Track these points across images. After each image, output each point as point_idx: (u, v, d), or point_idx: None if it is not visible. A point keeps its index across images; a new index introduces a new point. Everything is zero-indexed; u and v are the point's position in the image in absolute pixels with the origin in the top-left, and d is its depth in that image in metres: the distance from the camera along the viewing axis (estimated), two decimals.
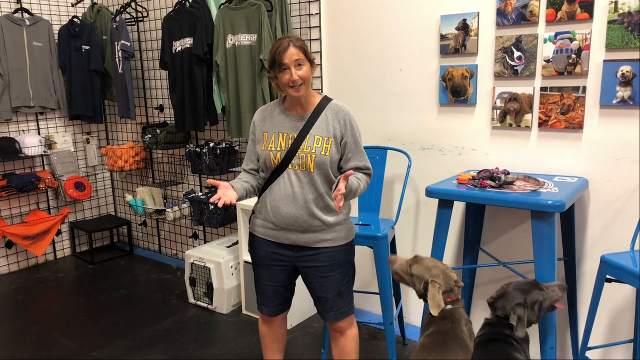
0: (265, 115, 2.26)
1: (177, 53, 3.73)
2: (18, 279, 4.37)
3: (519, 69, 2.71)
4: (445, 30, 2.90)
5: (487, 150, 2.90)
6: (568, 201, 2.21)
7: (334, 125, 2.16)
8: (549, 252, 2.25)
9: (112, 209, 5.23)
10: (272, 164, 2.17)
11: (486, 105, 2.86)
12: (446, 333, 1.95)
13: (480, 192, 2.38)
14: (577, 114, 2.59)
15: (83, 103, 4.53)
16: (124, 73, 4.15)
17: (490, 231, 2.98)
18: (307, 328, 3.38)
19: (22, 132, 4.48)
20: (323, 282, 2.23)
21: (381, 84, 3.21)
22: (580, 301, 2.75)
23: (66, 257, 4.89)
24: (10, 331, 3.46)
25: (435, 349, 1.92)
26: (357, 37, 3.25)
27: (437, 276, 2.02)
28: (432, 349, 1.93)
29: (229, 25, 3.45)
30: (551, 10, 2.58)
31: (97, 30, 4.47)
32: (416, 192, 3.20)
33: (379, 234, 2.69)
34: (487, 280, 3.04)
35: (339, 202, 1.94)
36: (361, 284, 3.51)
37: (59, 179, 4.61)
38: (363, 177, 2.19)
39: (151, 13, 4.36)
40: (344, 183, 1.97)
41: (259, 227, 2.28)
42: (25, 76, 4.32)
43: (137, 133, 4.73)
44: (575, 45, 2.54)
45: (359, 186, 2.14)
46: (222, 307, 3.63)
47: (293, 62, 2.07)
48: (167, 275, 4.36)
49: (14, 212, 4.51)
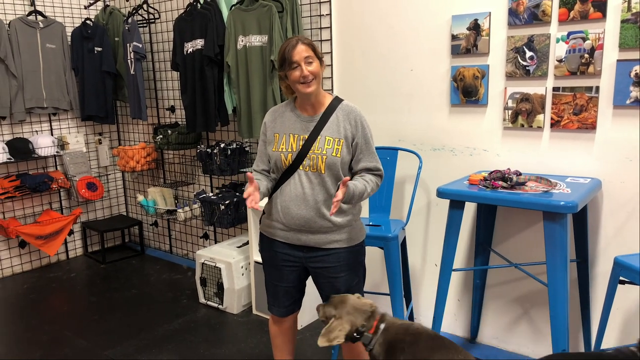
0: (276, 116, 2.26)
1: (188, 54, 3.75)
2: (31, 279, 4.41)
3: (531, 69, 2.69)
4: (457, 30, 2.88)
5: (499, 151, 2.88)
6: (581, 202, 2.20)
7: (345, 126, 2.15)
8: (562, 254, 2.23)
9: (123, 209, 5.26)
10: (283, 165, 2.17)
11: (498, 106, 2.85)
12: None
13: (491, 193, 2.37)
14: (590, 115, 2.56)
15: (95, 104, 4.57)
16: (135, 74, 4.18)
17: (501, 232, 2.96)
18: (317, 328, 3.38)
19: (35, 132, 4.53)
20: (333, 282, 2.22)
21: (392, 85, 3.20)
22: (593, 303, 2.73)
23: (78, 257, 4.93)
24: (23, 330, 3.49)
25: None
26: (368, 37, 3.25)
27: (347, 313, 1.98)
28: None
29: (240, 26, 3.46)
30: (564, 10, 2.56)
31: (109, 32, 4.51)
32: (427, 192, 3.18)
33: (390, 234, 2.69)
34: (498, 281, 3.03)
35: (334, 208, 1.96)
36: (372, 285, 3.50)
37: (72, 179, 4.65)
38: (372, 179, 2.17)
39: (163, 15, 4.38)
40: (343, 190, 1.97)
41: (269, 228, 2.28)
42: (39, 78, 4.37)
43: (148, 134, 4.76)
44: (588, 45, 2.52)
45: (365, 189, 2.11)
46: (233, 307, 3.64)
47: (303, 59, 2.08)
48: (178, 275, 4.38)
49: (27, 212, 4.55)
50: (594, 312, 2.73)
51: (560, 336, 2.28)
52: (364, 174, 2.18)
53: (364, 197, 2.13)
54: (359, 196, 2.09)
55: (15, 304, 3.93)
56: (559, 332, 2.28)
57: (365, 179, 2.15)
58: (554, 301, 2.27)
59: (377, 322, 1.97)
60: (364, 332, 1.96)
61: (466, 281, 3.15)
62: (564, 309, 2.26)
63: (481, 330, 3.13)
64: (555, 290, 2.26)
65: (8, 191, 4.20)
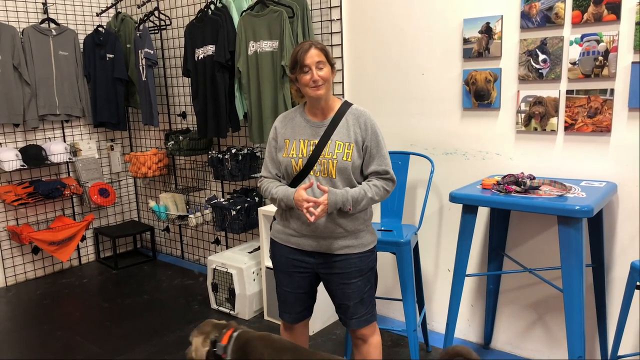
0: (286, 122, 2.25)
1: (199, 60, 3.77)
2: (44, 284, 4.44)
3: (544, 72, 2.66)
4: (468, 33, 2.87)
5: (512, 154, 2.85)
6: (596, 206, 2.16)
7: (355, 130, 2.14)
8: (577, 259, 2.19)
9: (135, 215, 5.29)
10: (294, 170, 2.16)
11: (510, 109, 2.82)
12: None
13: (505, 198, 2.34)
14: (604, 117, 2.53)
15: (107, 111, 4.60)
16: (147, 81, 4.20)
17: (515, 237, 2.93)
18: (329, 335, 3.36)
19: (48, 139, 4.56)
20: (345, 289, 2.21)
21: (403, 89, 3.19)
22: (610, 309, 2.69)
23: (90, 263, 4.95)
24: (36, 335, 3.50)
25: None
26: (379, 42, 3.24)
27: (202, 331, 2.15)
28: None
29: (250, 32, 3.47)
30: (577, 12, 2.53)
31: (121, 39, 4.54)
32: (439, 197, 3.16)
33: (402, 240, 2.66)
34: (512, 287, 2.99)
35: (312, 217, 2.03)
36: (384, 291, 3.48)
37: (84, 186, 4.68)
38: (377, 184, 2.15)
39: (174, 21, 4.41)
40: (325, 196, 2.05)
41: (280, 234, 2.27)
42: (52, 85, 4.41)
43: (160, 140, 4.78)
44: (603, 47, 2.49)
45: (362, 194, 2.10)
46: (244, 313, 3.63)
47: (314, 63, 2.08)
48: (189, 280, 4.38)
49: (40, 218, 4.59)
50: (611, 317, 2.68)
51: (576, 342, 2.24)
52: (372, 179, 2.16)
53: (364, 202, 2.11)
54: (354, 201, 2.08)
55: (28, 309, 3.95)
56: (575, 338, 2.24)
57: (368, 184, 2.14)
58: (570, 307, 2.23)
59: (230, 333, 2.11)
60: (216, 342, 2.09)
61: (480, 287, 3.11)
62: (580, 314, 2.23)
63: (495, 336, 3.10)
64: (571, 295, 2.22)
65: (21, 197, 4.23)
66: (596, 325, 2.72)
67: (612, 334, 2.68)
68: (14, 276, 4.49)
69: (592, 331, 2.75)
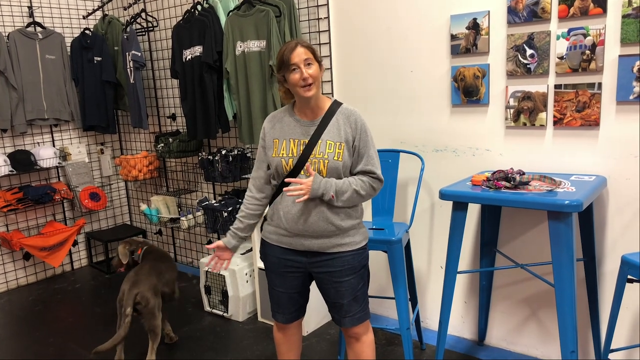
0: (275, 122, 2.24)
1: (187, 61, 3.74)
2: (36, 290, 4.40)
3: (531, 67, 2.66)
4: (456, 30, 2.86)
5: (502, 150, 2.85)
6: (586, 200, 2.16)
7: (346, 130, 2.14)
8: (568, 253, 2.20)
9: (127, 219, 5.26)
10: (284, 170, 2.15)
11: (499, 105, 2.82)
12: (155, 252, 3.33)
13: (495, 194, 2.34)
14: (593, 111, 2.54)
15: (96, 114, 4.57)
16: (135, 83, 4.17)
17: (506, 233, 2.93)
18: (323, 334, 3.35)
19: (37, 144, 4.53)
20: (338, 287, 2.20)
21: (392, 87, 3.18)
22: (602, 302, 2.69)
23: (83, 268, 4.92)
24: (28, 342, 3.47)
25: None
26: (367, 40, 3.23)
27: (126, 242, 3.36)
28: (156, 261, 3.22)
29: (238, 32, 3.45)
30: (563, 7, 2.53)
31: (108, 41, 4.51)
32: (430, 194, 3.16)
33: (394, 238, 2.66)
34: (505, 283, 2.99)
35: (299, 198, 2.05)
36: (377, 289, 3.47)
37: (74, 190, 4.65)
38: (365, 180, 2.13)
39: (161, 23, 4.38)
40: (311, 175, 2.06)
41: (271, 234, 2.26)
42: (39, 89, 4.37)
43: (150, 142, 4.76)
44: (590, 41, 2.49)
45: (347, 185, 2.09)
46: (238, 315, 3.62)
47: (302, 61, 2.06)
48: (182, 283, 4.36)
49: (30, 224, 4.55)
50: (603, 311, 2.69)
51: (568, 336, 2.24)
52: (359, 176, 2.16)
53: (348, 194, 2.10)
54: (338, 190, 2.08)
55: (20, 316, 3.92)
56: (567, 333, 2.24)
57: (354, 177, 2.14)
58: (561, 301, 2.24)
59: (142, 248, 3.33)
60: (134, 252, 3.32)
61: (473, 283, 3.11)
62: (572, 308, 2.23)
63: (489, 332, 3.10)
64: (562, 290, 2.23)
65: (11, 203, 4.20)
66: (589, 318, 2.73)
67: (605, 327, 2.68)
68: (6, 283, 4.46)
69: (585, 325, 2.76)
